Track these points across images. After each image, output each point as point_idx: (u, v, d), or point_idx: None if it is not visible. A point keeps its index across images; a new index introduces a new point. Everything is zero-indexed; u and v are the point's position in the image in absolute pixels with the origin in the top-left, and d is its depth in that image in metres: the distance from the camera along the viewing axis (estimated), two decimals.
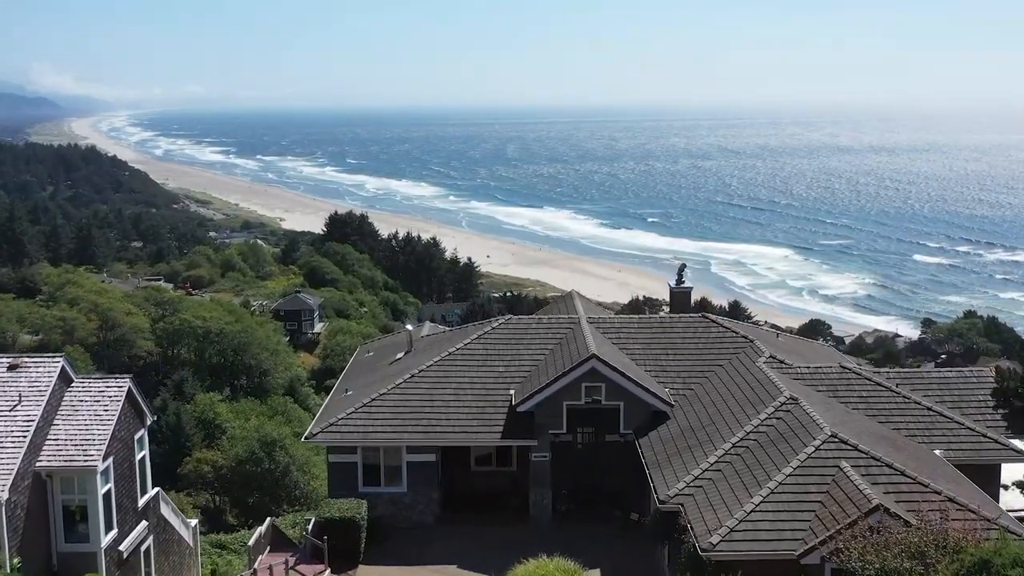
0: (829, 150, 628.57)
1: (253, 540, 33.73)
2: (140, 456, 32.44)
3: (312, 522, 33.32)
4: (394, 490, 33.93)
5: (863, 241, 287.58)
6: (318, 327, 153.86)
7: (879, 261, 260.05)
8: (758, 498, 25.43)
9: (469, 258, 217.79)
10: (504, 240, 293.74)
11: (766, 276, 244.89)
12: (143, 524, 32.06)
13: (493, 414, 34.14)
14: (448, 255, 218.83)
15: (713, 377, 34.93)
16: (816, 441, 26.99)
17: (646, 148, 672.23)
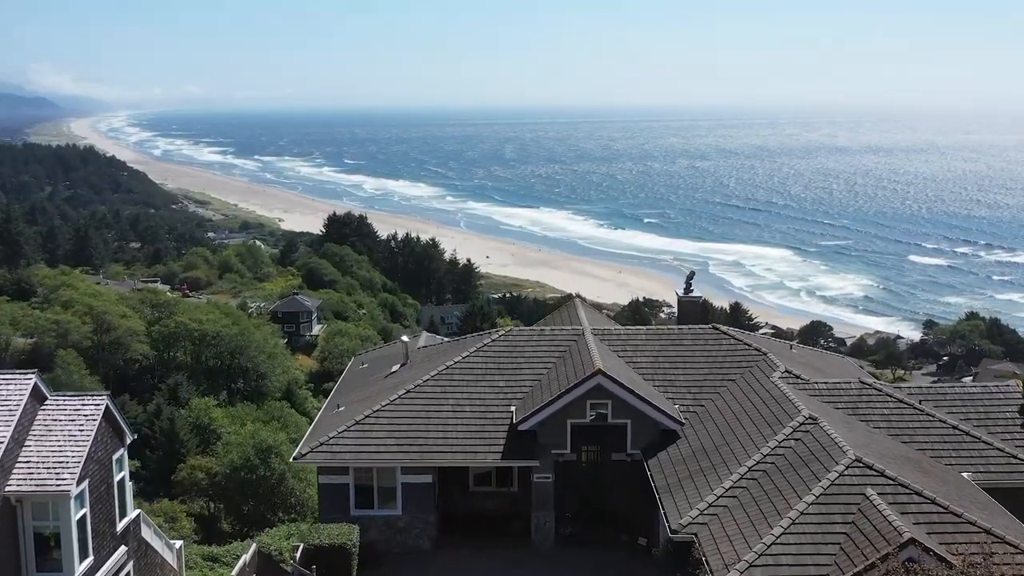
0: (827, 150, 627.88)
1: (236, 571, 31.87)
2: (119, 477, 30.59)
3: (300, 549, 31.48)
4: (388, 513, 32.08)
5: (861, 242, 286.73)
6: (316, 329, 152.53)
7: (878, 262, 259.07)
8: (778, 529, 23.62)
9: (468, 259, 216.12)
10: (503, 241, 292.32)
11: (765, 277, 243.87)
12: (122, 549, 30.22)
13: (493, 432, 32.30)
14: (447, 256, 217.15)
15: (725, 393, 33.11)
16: (839, 466, 25.17)
17: (644, 148, 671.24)
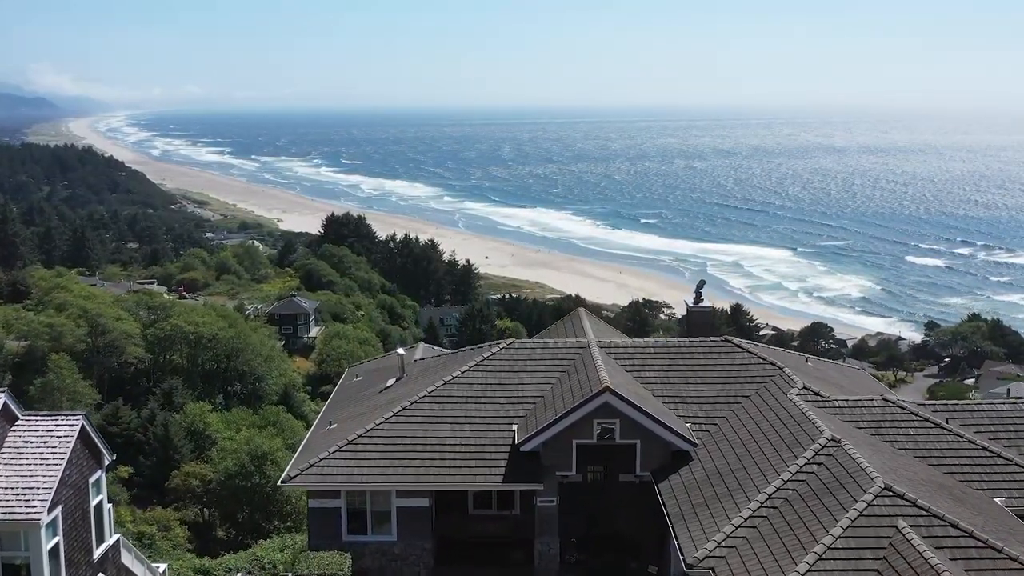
0: (824, 151, 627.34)
1: None
2: (96, 501, 28.78)
3: None
4: (382, 539, 30.19)
5: (859, 243, 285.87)
6: (314, 331, 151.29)
7: (876, 263, 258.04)
8: (804, 566, 21.75)
9: (467, 260, 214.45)
10: (502, 241, 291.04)
11: (764, 278, 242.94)
12: None
13: (493, 453, 30.39)
14: (446, 257, 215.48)
15: (739, 410, 31.23)
16: (867, 495, 23.29)
17: (641, 148, 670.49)
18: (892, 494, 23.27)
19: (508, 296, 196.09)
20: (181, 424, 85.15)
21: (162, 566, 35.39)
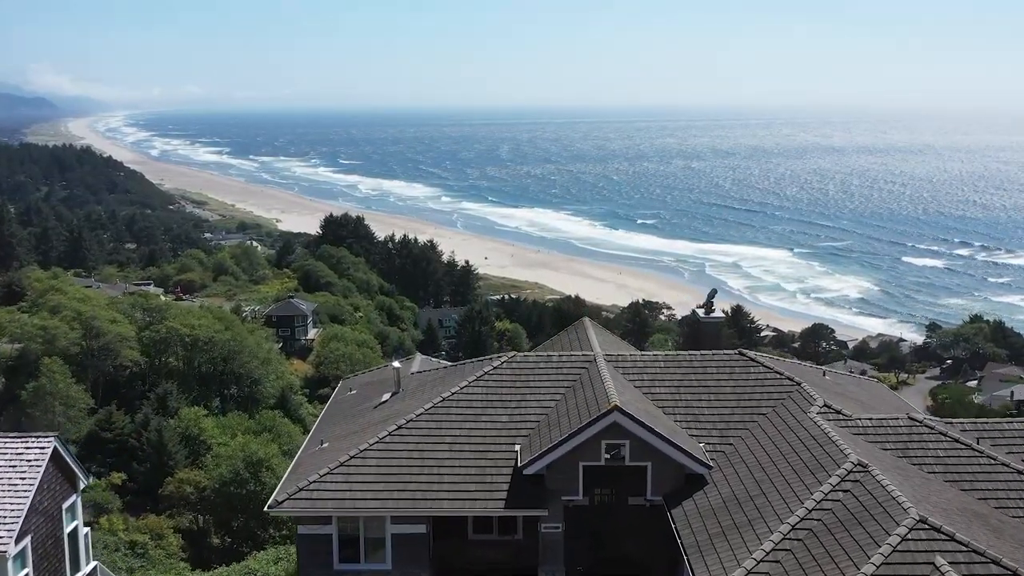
0: (822, 151, 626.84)
1: None
2: (71, 528, 27.05)
3: None
4: (377, 567, 28.32)
5: (858, 243, 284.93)
6: (311, 333, 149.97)
7: (875, 264, 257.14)
8: None
9: (467, 260, 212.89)
10: (501, 241, 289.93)
11: (763, 279, 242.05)
12: None
13: (495, 476, 28.52)
14: (445, 258, 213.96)
15: (757, 430, 29.38)
16: (901, 528, 21.45)
17: (639, 149, 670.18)
18: (928, 526, 21.47)
19: (507, 297, 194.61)
20: (175, 429, 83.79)
21: None
